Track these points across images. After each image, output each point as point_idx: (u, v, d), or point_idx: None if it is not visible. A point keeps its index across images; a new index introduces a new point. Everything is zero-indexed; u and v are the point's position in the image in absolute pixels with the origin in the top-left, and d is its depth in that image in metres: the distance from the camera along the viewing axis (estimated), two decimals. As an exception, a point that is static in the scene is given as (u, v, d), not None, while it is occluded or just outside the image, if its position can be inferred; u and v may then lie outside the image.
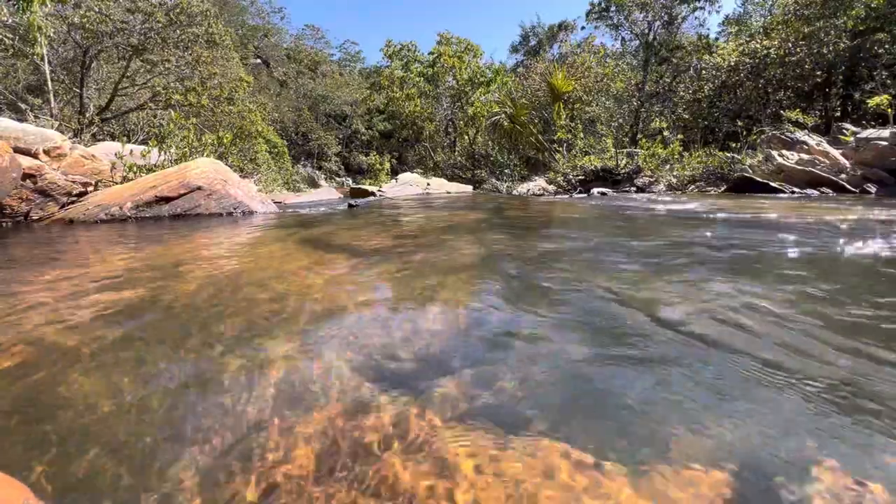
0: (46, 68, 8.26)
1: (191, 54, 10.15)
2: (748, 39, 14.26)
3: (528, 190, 12.46)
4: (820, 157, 8.90)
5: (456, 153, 19.29)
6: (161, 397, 1.01)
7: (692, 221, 4.25)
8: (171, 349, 1.27)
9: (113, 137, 8.89)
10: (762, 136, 10.66)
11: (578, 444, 0.83)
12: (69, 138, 5.74)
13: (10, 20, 7.48)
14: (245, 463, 0.79)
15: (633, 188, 11.22)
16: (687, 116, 15.13)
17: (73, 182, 4.82)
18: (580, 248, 2.87)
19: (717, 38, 17.97)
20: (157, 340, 1.33)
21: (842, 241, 2.96)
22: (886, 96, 8.84)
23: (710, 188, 10.18)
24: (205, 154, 6.84)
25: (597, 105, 16.56)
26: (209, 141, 7.30)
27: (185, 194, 4.92)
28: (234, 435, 0.87)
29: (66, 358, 1.20)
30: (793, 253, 2.64)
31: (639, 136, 16.03)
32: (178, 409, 0.96)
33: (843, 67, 11.90)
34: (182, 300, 1.71)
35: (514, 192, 12.66)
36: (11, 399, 1.01)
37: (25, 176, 4.39)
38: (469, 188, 13.91)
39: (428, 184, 12.59)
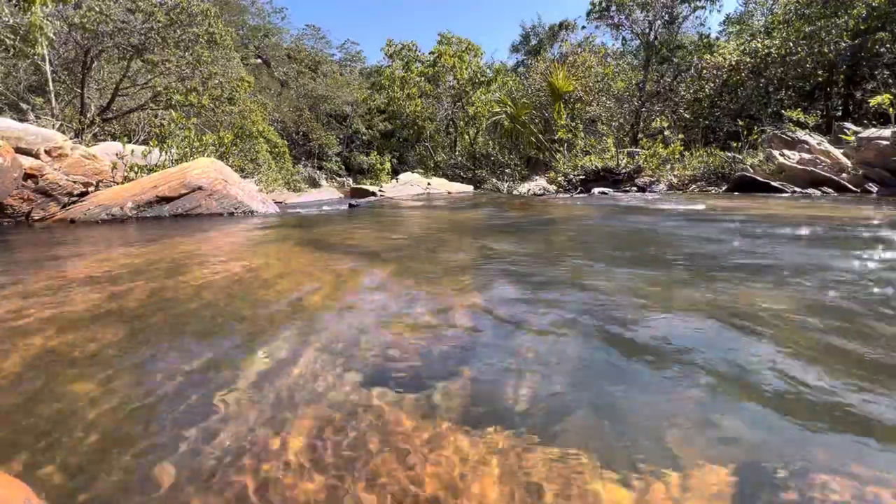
0: (47, 68, 8.27)
1: (191, 54, 10.14)
2: (749, 39, 14.24)
3: (529, 190, 12.46)
4: (821, 157, 8.88)
5: (457, 153, 19.26)
6: (158, 395, 1.01)
7: (704, 223, 4.25)
8: (169, 348, 1.27)
9: (114, 137, 8.87)
10: (763, 136, 10.64)
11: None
12: (70, 138, 5.75)
13: (10, 20, 7.49)
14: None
15: (634, 188, 11.21)
16: (688, 116, 15.10)
17: (75, 182, 4.83)
18: (581, 248, 2.87)
19: (718, 38, 17.96)
20: (155, 339, 1.33)
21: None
22: (888, 95, 8.80)
23: (710, 188, 10.17)
24: (206, 154, 6.85)
25: (597, 105, 16.54)
26: (210, 141, 7.31)
27: (185, 194, 4.92)
28: (228, 434, 0.86)
29: (63, 354, 1.20)
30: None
31: (640, 135, 16.00)
32: (173, 404, 0.96)
33: (845, 67, 11.86)
34: (181, 300, 1.71)
35: (515, 191, 12.66)
36: (9, 394, 1.01)
37: (27, 176, 4.40)
38: (470, 188, 13.91)
39: (429, 184, 12.60)
